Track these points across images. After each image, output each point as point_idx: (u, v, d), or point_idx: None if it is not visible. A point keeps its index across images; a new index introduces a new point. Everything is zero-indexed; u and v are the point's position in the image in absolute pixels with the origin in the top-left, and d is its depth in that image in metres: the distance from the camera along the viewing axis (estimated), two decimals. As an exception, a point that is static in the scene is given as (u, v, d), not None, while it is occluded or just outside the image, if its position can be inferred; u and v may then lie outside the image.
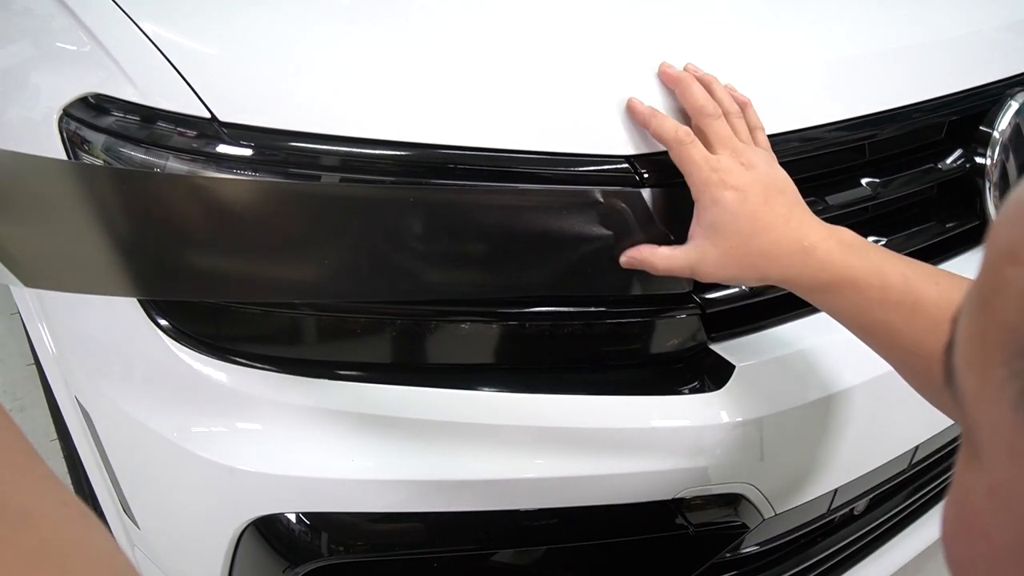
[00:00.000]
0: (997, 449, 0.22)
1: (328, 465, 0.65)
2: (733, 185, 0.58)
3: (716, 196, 0.58)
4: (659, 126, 0.60)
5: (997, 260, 0.23)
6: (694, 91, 0.62)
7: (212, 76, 0.61)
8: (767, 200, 0.58)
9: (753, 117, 0.64)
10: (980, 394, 0.23)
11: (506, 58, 0.65)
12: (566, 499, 0.68)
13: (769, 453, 0.69)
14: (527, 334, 0.67)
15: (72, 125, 0.66)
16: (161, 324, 0.67)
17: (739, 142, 0.61)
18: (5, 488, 0.30)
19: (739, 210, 0.58)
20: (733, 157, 0.60)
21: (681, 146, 0.59)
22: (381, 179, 0.60)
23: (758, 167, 0.60)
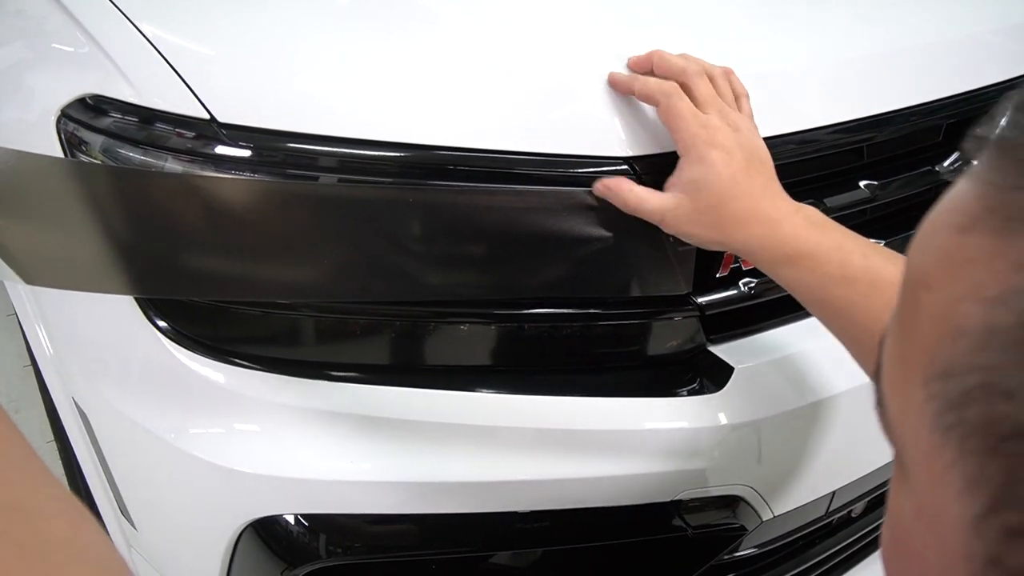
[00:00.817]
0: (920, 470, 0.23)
1: (326, 467, 0.65)
2: (721, 143, 0.58)
3: (703, 153, 0.58)
4: (644, 85, 0.60)
5: (912, 285, 0.24)
6: (669, 56, 0.61)
7: (211, 77, 0.61)
8: (748, 167, 0.58)
9: (737, 84, 0.64)
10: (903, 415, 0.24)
11: (505, 59, 0.65)
12: (564, 501, 0.68)
13: (767, 455, 0.69)
14: (526, 336, 0.67)
15: (70, 126, 0.65)
16: (159, 325, 0.67)
17: (724, 103, 0.60)
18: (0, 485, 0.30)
19: (723, 171, 0.57)
20: (721, 117, 0.59)
21: (669, 99, 0.59)
22: (379, 180, 0.60)
23: (742, 132, 0.59)
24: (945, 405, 0.21)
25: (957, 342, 0.21)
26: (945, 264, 0.22)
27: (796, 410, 0.69)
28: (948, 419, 0.21)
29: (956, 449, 0.21)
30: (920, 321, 0.23)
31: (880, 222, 0.79)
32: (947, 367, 0.21)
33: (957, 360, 0.21)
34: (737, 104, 0.63)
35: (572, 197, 0.62)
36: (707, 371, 0.68)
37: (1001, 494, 0.20)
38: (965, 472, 0.20)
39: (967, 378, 0.20)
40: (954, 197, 0.23)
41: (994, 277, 0.20)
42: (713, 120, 0.59)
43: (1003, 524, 0.20)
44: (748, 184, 0.58)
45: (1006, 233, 0.20)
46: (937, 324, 0.22)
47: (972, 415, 0.20)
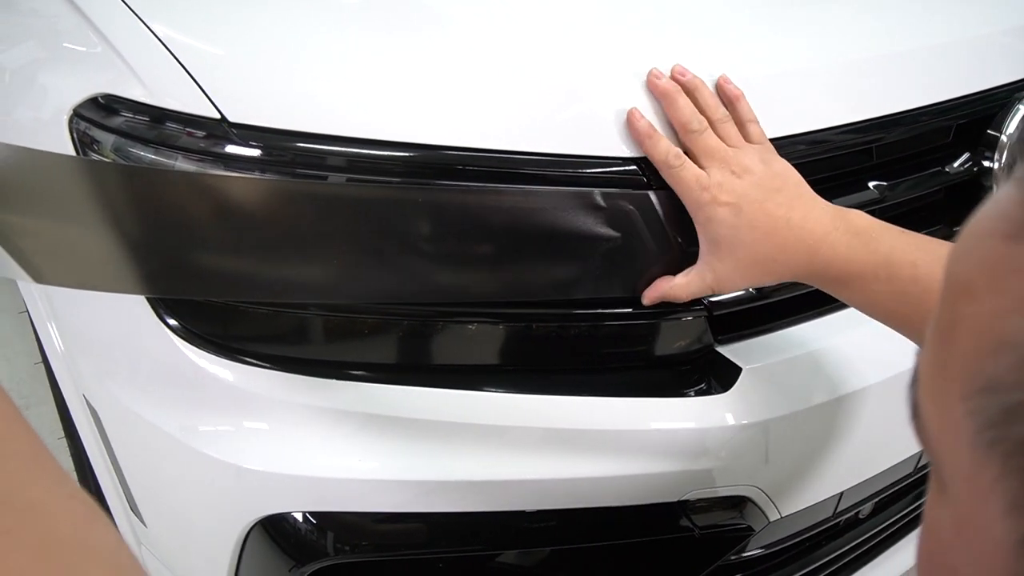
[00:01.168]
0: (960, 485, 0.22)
1: (335, 465, 0.65)
2: (725, 201, 0.59)
3: (710, 214, 0.59)
4: (652, 148, 0.61)
5: (953, 295, 0.23)
6: (680, 106, 0.61)
7: (221, 77, 0.61)
8: (764, 204, 0.58)
9: (745, 110, 0.64)
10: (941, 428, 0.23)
11: (514, 59, 0.65)
12: (572, 500, 0.68)
13: (775, 456, 0.69)
14: (534, 335, 0.67)
15: (82, 125, 0.66)
16: (170, 323, 0.67)
17: (728, 150, 0.61)
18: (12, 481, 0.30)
19: (736, 223, 0.58)
20: (723, 169, 0.60)
21: (671, 170, 0.60)
22: (389, 180, 0.60)
23: (752, 171, 0.60)
24: (987, 421, 0.20)
25: (1001, 356, 0.20)
26: (989, 274, 0.21)
27: (804, 411, 0.69)
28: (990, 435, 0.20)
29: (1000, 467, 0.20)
30: (960, 333, 0.22)
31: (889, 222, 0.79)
32: (990, 382, 0.20)
33: (1001, 375, 0.20)
34: (745, 131, 0.63)
35: (581, 197, 0.62)
36: (715, 371, 0.68)
37: None
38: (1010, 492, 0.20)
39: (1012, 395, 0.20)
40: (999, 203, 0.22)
41: None
42: (715, 177, 0.59)
43: None
44: (768, 222, 0.58)
45: None
46: (979, 337, 0.21)
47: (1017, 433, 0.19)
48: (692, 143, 0.61)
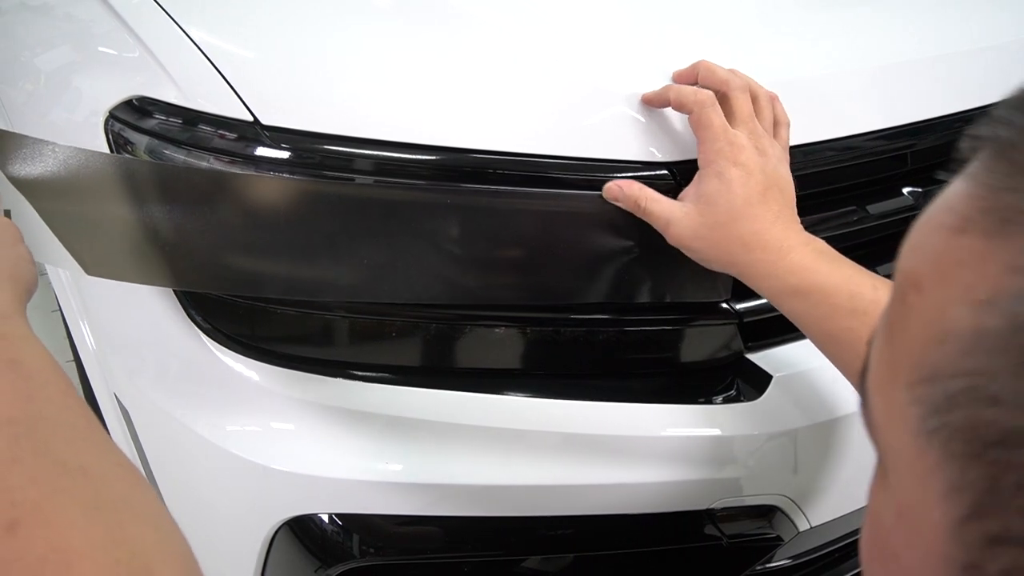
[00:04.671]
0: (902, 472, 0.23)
1: (361, 467, 0.66)
2: (743, 163, 0.57)
3: (722, 169, 0.57)
4: (679, 92, 0.59)
5: (903, 287, 0.23)
6: (715, 68, 0.60)
7: (255, 80, 0.61)
8: (765, 192, 0.57)
9: (780, 111, 0.63)
10: (887, 417, 0.24)
11: (543, 62, 0.65)
12: (598, 507, 0.68)
13: (805, 465, 0.68)
14: (561, 340, 0.67)
15: (117, 127, 0.67)
16: (199, 323, 0.68)
17: (759, 125, 0.60)
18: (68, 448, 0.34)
19: (738, 191, 0.57)
20: (751, 137, 0.58)
21: (703, 108, 0.58)
22: (419, 183, 0.60)
23: (769, 158, 0.59)
24: (930, 409, 0.21)
25: (945, 345, 0.21)
26: (936, 266, 0.22)
27: (835, 420, 0.68)
28: (932, 423, 0.21)
29: (939, 453, 0.21)
30: (909, 323, 0.23)
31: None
32: (934, 371, 0.21)
33: (944, 364, 0.21)
34: (775, 131, 0.62)
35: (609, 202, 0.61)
36: (744, 379, 0.68)
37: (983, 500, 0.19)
38: (948, 477, 0.20)
39: (953, 382, 0.20)
40: (948, 197, 0.23)
41: (985, 279, 0.20)
42: (741, 138, 0.58)
43: (983, 531, 0.20)
44: (761, 209, 0.57)
45: (999, 235, 0.20)
46: (926, 327, 0.22)
47: (956, 420, 0.20)
48: (731, 99, 0.59)
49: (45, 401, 0.37)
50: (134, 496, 0.34)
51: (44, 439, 0.34)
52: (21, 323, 0.42)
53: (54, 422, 0.36)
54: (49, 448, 0.34)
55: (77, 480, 0.33)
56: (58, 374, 0.39)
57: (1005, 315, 0.19)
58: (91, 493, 0.33)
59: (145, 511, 0.34)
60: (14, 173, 0.60)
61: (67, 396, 0.38)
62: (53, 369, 0.39)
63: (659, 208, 0.59)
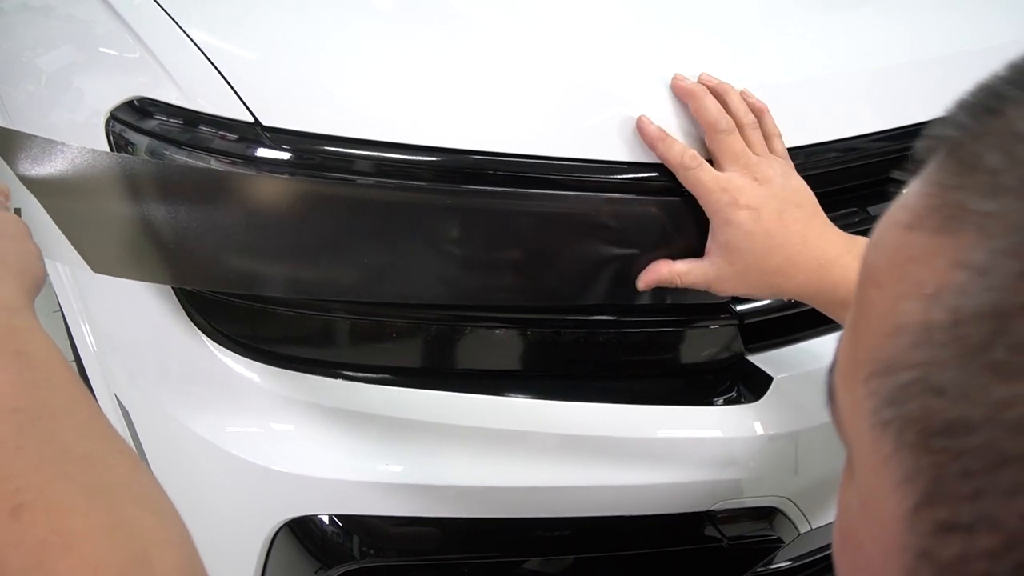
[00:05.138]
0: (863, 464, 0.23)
1: (361, 468, 0.66)
2: (746, 204, 0.58)
3: (728, 216, 0.58)
4: (666, 151, 0.60)
5: (864, 283, 0.24)
6: (706, 105, 0.61)
7: (256, 81, 0.61)
8: (782, 216, 0.58)
9: (770, 124, 0.63)
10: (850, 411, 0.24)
11: (541, 64, 0.65)
12: (598, 508, 0.67)
13: (806, 467, 0.68)
14: (561, 341, 0.67)
15: (118, 127, 0.67)
16: (200, 323, 0.68)
17: (752, 156, 0.60)
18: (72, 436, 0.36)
19: (753, 229, 0.58)
20: (746, 173, 0.59)
21: (687, 171, 0.59)
22: (419, 184, 0.60)
23: (773, 181, 0.59)
24: (884, 400, 0.22)
25: (897, 339, 0.21)
26: (892, 261, 0.23)
27: (836, 422, 0.68)
28: (886, 414, 0.22)
29: (893, 443, 0.21)
30: (868, 318, 0.23)
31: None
32: (887, 363, 0.22)
33: (896, 356, 0.21)
34: (769, 146, 0.62)
35: (612, 203, 0.61)
36: (745, 380, 0.67)
37: (931, 489, 0.20)
38: (900, 466, 0.21)
39: (904, 374, 0.21)
40: (905, 196, 0.24)
41: (933, 274, 0.21)
42: (735, 180, 0.58)
43: (933, 518, 0.20)
44: (785, 235, 0.57)
45: (946, 231, 0.21)
46: (882, 321, 0.22)
47: (908, 411, 0.21)
48: (718, 143, 0.60)
49: (50, 391, 0.38)
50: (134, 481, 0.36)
51: (49, 427, 0.35)
52: (29, 316, 0.43)
53: (58, 411, 0.37)
54: (53, 436, 0.35)
55: (79, 466, 0.34)
56: (63, 366, 0.40)
57: (949, 309, 0.20)
58: (93, 478, 0.34)
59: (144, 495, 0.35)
60: (24, 172, 0.61)
61: (71, 386, 0.39)
62: (59, 361, 0.40)
63: (692, 277, 0.61)
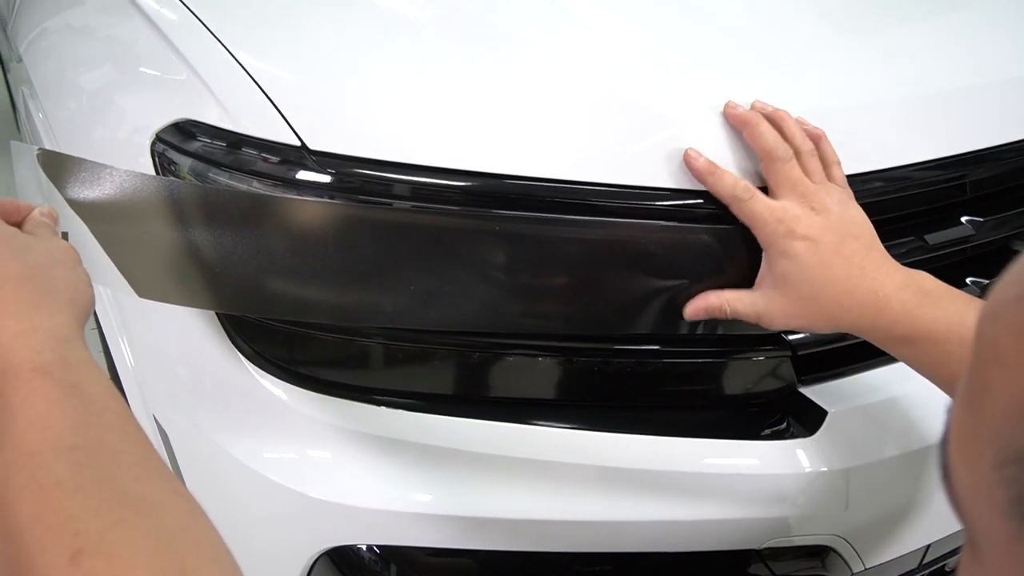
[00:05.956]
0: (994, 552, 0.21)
1: (400, 497, 0.64)
2: (803, 235, 0.56)
3: (785, 248, 0.56)
4: (716, 183, 0.58)
5: (983, 358, 0.22)
6: (762, 132, 0.59)
7: (302, 105, 0.61)
8: (839, 248, 0.56)
9: (828, 151, 0.61)
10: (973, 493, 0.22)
11: (593, 89, 0.64)
12: (642, 544, 0.66)
13: (861, 504, 0.65)
14: (607, 371, 0.65)
15: (161, 148, 0.67)
16: (241, 347, 0.67)
17: (810, 184, 0.58)
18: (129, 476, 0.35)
19: (809, 261, 0.56)
20: (803, 203, 0.57)
21: (740, 203, 0.57)
22: (469, 210, 0.59)
23: (830, 211, 0.57)
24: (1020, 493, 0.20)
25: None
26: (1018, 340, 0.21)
27: (891, 458, 0.65)
28: None
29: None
30: (992, 398, 0.21)
31: (982, 260, 0.75)
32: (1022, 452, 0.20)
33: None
34: (828, 173, 0.60)
35: (664, 231, 0.60)
36: (797, 414, 0.65)
37: None
38: None
39: None
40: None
41: None
42: (792, 210, 0.57)
43: None
44: (843, 267, 0.55)
45: None
46: (1010, 403, 0.21)
47: None
48: (775, 172, 0.58)
49: (106, 428, 0.37)
50: (192, 527, 0.34)
51: (106, 467, 0.35)
52: (80, 347, 0.42)
53: (115, 449, 0.36)
54: (111, 476, 0.34)
55: (138, 510, 0.33)
56: (117, 400, 0.39)
57: None
58: (152, 524, 0.33)
59: (203, 542, 0.34)
60: (72, 195, 0.61)
61: (126, 422, 0.38)
62: (112, 395, 0.39)
63: (743, 307, 0.59)
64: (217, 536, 0.35)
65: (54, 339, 0.41)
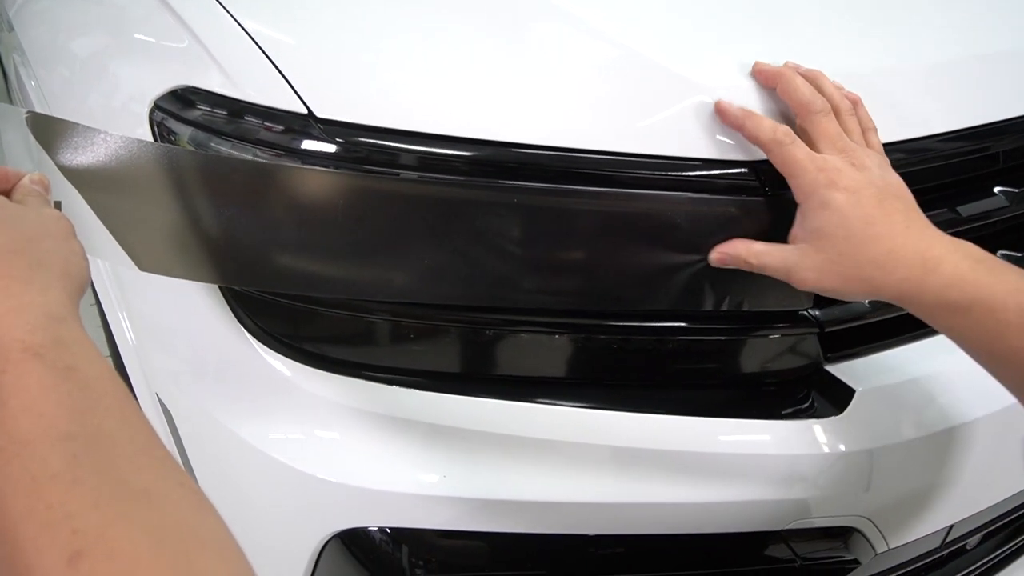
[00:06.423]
0: None
1: (414, 479, 0.62)
2: (845, 186, 0.52)
3: (825, 198, 0.52)
4: (755, 126, 0.55)
5: None
6: (798, 85, 0.56)
7: (309, 71, 0.58)
8: (882, 204, 0.52)
9: (865, 116, 0.58)
10: None
11: (617, 53, 0.60)
12: (661, 526, 0.64)
13: (889, 484, 0.64)
14: (627, 349, 0.63)
15: (160, 116, 0.64)
16: (246, 323, 0.65)
17: (850, 141, 0.55)
18: (130, 467, 0.32)
19: (851, 213, 0.52)
20: (843, 157, 0.54)
21: (781, 147, 0.54)
22: (485, 181, 0.56)
23: (871, 169, 0.54)
24: None
25: None
26: None
27: (919, 438, 0.63)
28: None
29: None
30: None
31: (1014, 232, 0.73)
32: None
33: None
34: (865, 138, 0.57)
35: (689, 204, 0.57)
36: (824, 392, 0.63)
37: None
38: None
39: None
40: None
41: None
42: (833, 161, 0.53)
43: None
44: (886, 224, 0.52)
45: None
46: None
47: None
48: (812, 124, 0.55)
49: (104, 413, 0.34)
50: (199, 522, 0.32)
51: (105, 457, 0.32)
52: (76, 326, 0.39)
53: (114, 437, 0.33)
54: (111, 467, 0.32)
55: (141, 504, 0.31)
56: (116, 383, 0.37)
57: None
58: (156, 519, 0.30)
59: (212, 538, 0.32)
60: (65, 162, 0.57)
61: (126, 407, 0.36)
62: (111, 377, 0.37)
63: (772, 259, 0.55)
64: (226, 530, 0.32)
65: (47, 317, 0.37)
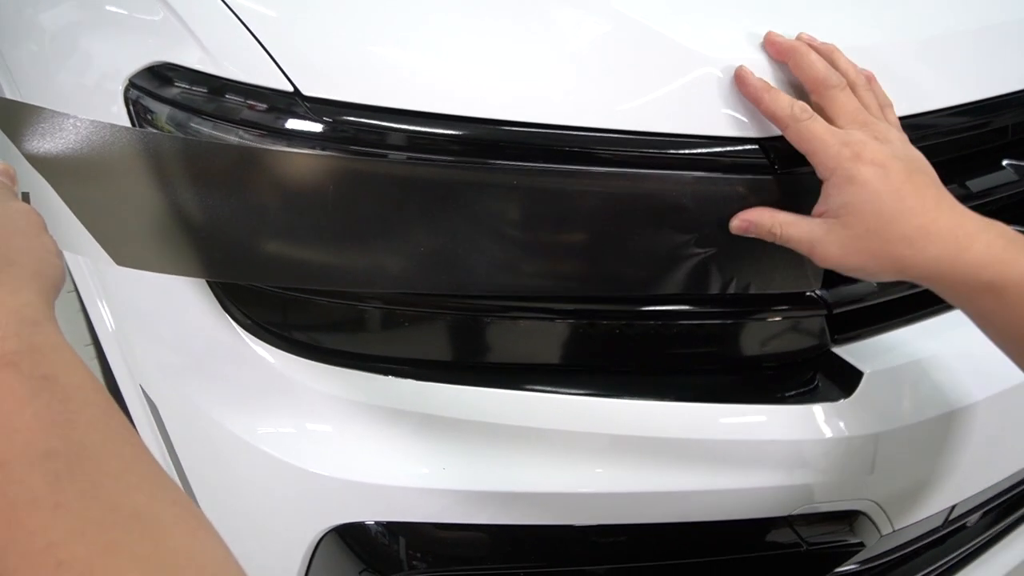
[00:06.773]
0: None
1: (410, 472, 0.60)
2: (871, 159, 0.49)
3: (852, 173, 0.49)
4: (773, 101, 0.52)
5: None
6: (812, 60, 0.54)
7: (295, 47, 0.55)
8: (911, 178, 0.50)
9: (880, 92, 0.56)
10: None
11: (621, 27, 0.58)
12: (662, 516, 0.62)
13: (897, 466, 0.63)
14: (630, 335, 0.61)
15: (136, 95, 0.60)
16: (233, 313, 0.62)
17: (870, 115, 0.53)
18: (118, 486, 0.29)
19: (880, 187, 0.49)
20: (866, 130, 0.51)
21: (799, 123, 0.51)
22: (482, 161, 0.54)
23: (894, 143, 0.51)
24: None
25: None
26: None
27: (927, 420, 0.62)
28: None
29: None
30: None
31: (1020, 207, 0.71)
32: None
33: None
34: (883, 114, 0.55)
35: (694, 182, 0.55)
36: (832, 375, 0.62)
37: None
38: None
39: None
40: None
41: None
42: (856, 135, 0.51)
43: None
44: (916, 199, 0.49)
45: None
46: None
47: None
48: (830, 99, 0.53)
49: (87, 426, 0.31)
50: (197, 547, 0.29)
51: (90, 476, 0.29)
52: (52, 330, 0.36)
53: (99, 454, 0.31)
54: (96, 488, 0.29)
55: (131, 529, 0.28)
56: (99, 391, 0.34)
57: None
58: (148, 546, 0.28)
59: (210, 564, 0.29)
60: (32, 151, 0.53)
61: (110, 418, 0.33)
62: (93, 386, 0.34)
63: (797, 231, 0.52)
64: (225, 553, 0.30)
65: (19, 322, 0.35)
